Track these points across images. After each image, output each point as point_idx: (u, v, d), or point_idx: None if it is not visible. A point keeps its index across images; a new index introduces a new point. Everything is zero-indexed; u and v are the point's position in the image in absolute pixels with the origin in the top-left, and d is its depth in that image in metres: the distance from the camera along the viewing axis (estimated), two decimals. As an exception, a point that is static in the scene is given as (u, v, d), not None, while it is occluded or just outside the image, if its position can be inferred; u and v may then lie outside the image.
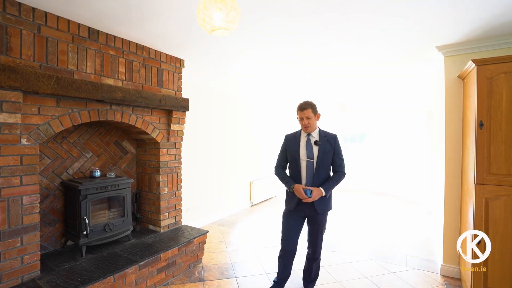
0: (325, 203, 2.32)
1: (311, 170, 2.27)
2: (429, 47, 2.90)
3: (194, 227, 3.38)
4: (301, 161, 2.30)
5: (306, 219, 2.39)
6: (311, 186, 2.25)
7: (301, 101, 2.35)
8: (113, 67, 2.63)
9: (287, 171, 2.47)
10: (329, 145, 2.32)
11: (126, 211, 2.89)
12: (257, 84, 4.94)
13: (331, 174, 2.39)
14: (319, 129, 2.38)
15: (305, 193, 2.19)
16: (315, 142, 2.31)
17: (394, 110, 7.29)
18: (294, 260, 2.43)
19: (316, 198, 2.21)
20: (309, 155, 2.28)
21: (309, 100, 2.34)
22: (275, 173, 2.47)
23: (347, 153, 8.16)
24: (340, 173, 2.34)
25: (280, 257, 2.41)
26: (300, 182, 2.30)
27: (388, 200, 6.62)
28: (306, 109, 2.28)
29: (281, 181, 2.41)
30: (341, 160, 2.37)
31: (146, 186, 3.26)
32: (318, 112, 2.35)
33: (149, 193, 3.24)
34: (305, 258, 2.51)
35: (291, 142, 2.40)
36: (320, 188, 2.22)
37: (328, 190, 2.26)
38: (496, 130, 2.23)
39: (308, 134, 2.34)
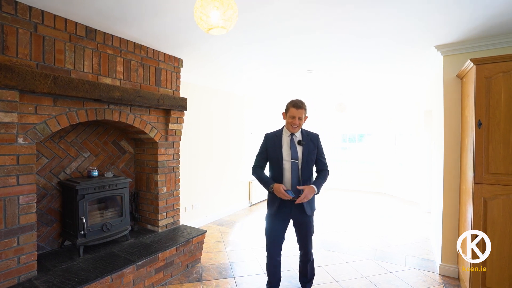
0: (312, 204, 2.28)
1: (296, 171, 2.18)
2: (427, 47, 2.90)
3: (193, 227, 3.37)
4: (284, 162, 2.20)
5: (292, 221, 2.31)
6: (297, 187, 2.16)
7: (295, 99, 2.23)
8: (110, 66, 2.62)
9: (268, 173, 2.35)
10: (313, 145, 2.26)
11: (124, 211, 2.88)
12: (256, 84, 4.93)
13: (314, 173, 2.32)
14: (301, 128, 2.29)
15: (287, 193, 2.08)
16: (299, 142, 2.22)
17: (393, 110, 7.29)
18: (292, 259, 2.42)
19: (310, 197, 2.12)
20: (294, 155, 2.19)
21: (303, 101, 2.24)
22: (252, 173, 2.34)
23: (346, 153, 8.23)
24: (326, 172, 2.29)
25: (268, 263, 2.33)
26: (282, 183, 2.19)
27: (386, 200, 6.62)
28: (301, 108, 2.17)
29: (259, 181, 2.28)
30: (325, 159, 2.32)
31: (144, 185, 3.25)
32: (307, 115, 2.28)
33: (147, 192, 3.23)
34: (298, 259, 2.47)
35: (272, 142, 2.27)
36: (312, 185, 2.14)
37: (319, 187, 2.18)
38: (495, 129, 2.23)
39: (292, 134, 2.24)
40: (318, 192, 2.17)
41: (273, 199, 2.25)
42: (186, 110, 3.25)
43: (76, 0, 2.00)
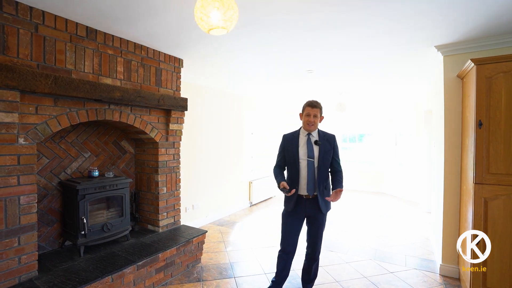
0: (328, 203, 2.34)
1: (311, 170, 2.26)
2: (427, 47, 2.90)
3: (193, 227, 3.37)
4: (301, 161, 2.29)
5: (306, 219, 2.38)
6: (313, 186, 2.25)
7: (311, 99, 2.36)
8: (111, 67, 2.62)
9: (286, 172, 2.46)
10: (329, 145, 2.33)
11: (125, 211, 2.89)
12: (256, 84, 4.93)
13: (329, 174, 2.39)
14: (318, 129, 2.38)
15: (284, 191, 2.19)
16: (315, 142, 2.30)
17: (393, 110, 7.29)
18: (294, 259, 2.43)
19: (337, 199, 2.18)
20: (310, 154, 2.27)
21: (319, 101, 2.37)
22: (273, 173, 2.46)
23: (346, 153, 8.22)
24: (341, 172, 2.37)
25: (279, 257, 2.40)
26: (299, 182, 2.29)
27: (386, 200, 6.62)
28: (317, 107, 2.29)
29: (275, 179, 2.39)
30: (339, 160, 2.41)
31: (145, 186, 3.25)
32: (323, 115, 2.38)
33: (148, 193, 3.23)
34: (303, 258, 2.50)
35: (289, 142, 2.38)
36: (339, 189, 2.20)
37: (342, 188, 2.27)
38: (495, 129, 2.23)
39: (308, 134, 2.33)
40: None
41: (289, 197, 2.33)
42: (186, 110, 3.25)
43: (76, 0, 2.00)
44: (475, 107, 2.28)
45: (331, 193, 2.40)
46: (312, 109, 2.28)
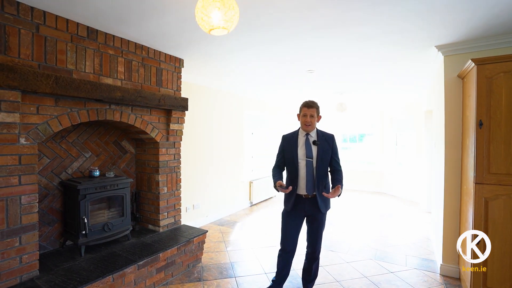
0: (327, 202, 2.35)
1: (310, 170, 2.27)
2: (428, 47, 2.90)
3: (194, 226, 3.38)
4: (299, 161, 2.30)
5: (306, 218, 2.39)
6: (312, 186, 2.26)
7: (307, 99, 2.36)
8: (112, 67, 2.62)
9: (285, 172, 2.46)
10: (328, 145, 2.33)
11: (125, 211, 2.89)
12: (257, 84, 4.94)
13: (328, 173, 2.39)
14: (316, 129, 2.39)
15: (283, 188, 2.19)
16: (314, 142, 2.31)
17: (393, 110, 7.29)
18: (294, 259, 2.44)
19: (336, 195, 2.15)
20: (309, 154, 2.28)
21: (315, 101, 2.37)
22: (271, 173, 2.47)
23: (347, 153, 8.23)
24: (341, 172, 2.37)
25: (279, 256, 2.41)
26: (298, 182, 2.29)
27: (387, 200, 6.62)
28: (313, 107, 2.30)
29: (272, 179, 2.39)
30: (339, 159, 2.41)
31: (145, 185, 3.26)
32: (320, 114, 2.39)
33: (148, 192, 3.23)
34: (304, 258, 2.51)
35: (288, 143, 2.39)
36: (337, 185, 2.17)
37: (342, 186, 2.24)
38: (496, 129, 2.23)
39: (307, 134, 2.34)
40: (340, 193, 2.20)
41: (289, 197, 2.34)
42: (187, 110, 3.25)
43: (77, 1, 2.01)
44: (476, 107, 2.28)
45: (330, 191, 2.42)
46: (308, 110, 2.29)
